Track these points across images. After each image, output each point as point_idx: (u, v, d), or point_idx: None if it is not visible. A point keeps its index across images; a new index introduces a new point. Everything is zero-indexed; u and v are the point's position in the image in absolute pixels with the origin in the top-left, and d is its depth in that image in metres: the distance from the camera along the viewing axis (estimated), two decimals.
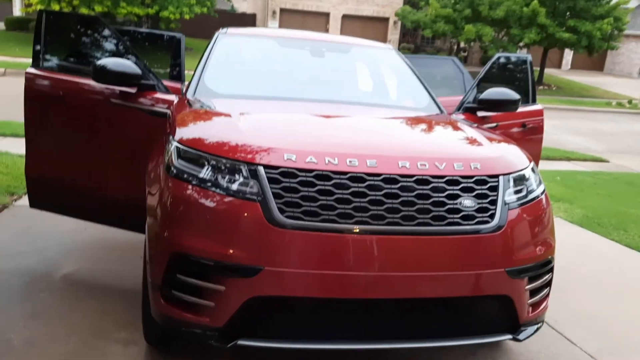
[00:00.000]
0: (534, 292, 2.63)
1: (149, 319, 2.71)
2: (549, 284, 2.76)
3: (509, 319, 2.57)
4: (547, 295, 2.78)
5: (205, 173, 2.40)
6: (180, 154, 2.51)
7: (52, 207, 3.85)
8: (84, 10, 20.01)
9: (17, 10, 28.49)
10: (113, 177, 3.58)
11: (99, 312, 3.25)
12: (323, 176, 2.33)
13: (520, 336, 2.60)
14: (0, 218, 4.70)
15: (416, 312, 2.50)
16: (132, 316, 3.19)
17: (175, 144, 2.56)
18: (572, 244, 5.11)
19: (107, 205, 3.61)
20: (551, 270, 2.74)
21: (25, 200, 5.08)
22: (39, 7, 20.45)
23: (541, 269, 2.63)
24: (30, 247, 4.11)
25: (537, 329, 2.71)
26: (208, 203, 2.34)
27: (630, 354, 3.30)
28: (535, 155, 4.17)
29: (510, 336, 2.58)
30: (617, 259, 5.06)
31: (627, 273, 4.70)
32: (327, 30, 31.47)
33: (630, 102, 21.94)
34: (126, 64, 3.26)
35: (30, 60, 3.59)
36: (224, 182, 2.36)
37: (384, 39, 31.69)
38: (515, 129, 4.21)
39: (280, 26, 31.56)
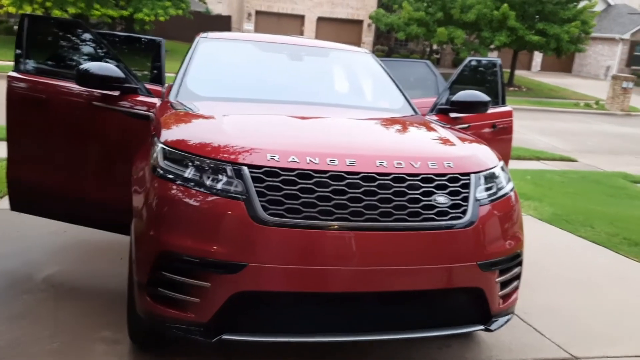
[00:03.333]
0: (504, 284, 2.76)
1: (133, 318, 2.77)
2: (518, 276, 2.89)
3: (481, 310, 2.69)
4: (517, 287, 2.91)
5: (190, 173, 2.47)
6: (166, 155, 2.57)
7: (34, 210, 3.86)
8: (56, 12, 19.73)
9: None
10: (94, 179, 3.61)
11: (81, 313, 3.28)
12: (304, 175, 2.42)
13: (492, 327, 2.72)
14: None
15: (393, 304, 2.62)
16: (113, 316, 3.23)
17: (160, 145, 2.62)
18: (542, 240, 5.29)
19: (89, 207, 3.64)
20: (520, 263, 2.87)
21: (3, 203, 5.07)
22: (9, 9, 20.11)
23: (511, 262, 2.77)
24: (11, 249, 4.12)
25: (508, 320, 2.84)
26: (194, 202, 2.42)
27: (594, 343, 3.47)
28: (505, 154, 4.32)
29: (482, 327, 2.70)
30: (584, 254, 5.26)
31: (593, 268, 4.89)
32: (302, 33, 31.54)
33: (597, 103, 22.52)
34: (109, 68, 3.31)
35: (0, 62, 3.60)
36: (209, 182, 2.44)
37: (358, 41, 31.90)
38: (485, 130, 4.36)
39: (256, 28, 31.52)
